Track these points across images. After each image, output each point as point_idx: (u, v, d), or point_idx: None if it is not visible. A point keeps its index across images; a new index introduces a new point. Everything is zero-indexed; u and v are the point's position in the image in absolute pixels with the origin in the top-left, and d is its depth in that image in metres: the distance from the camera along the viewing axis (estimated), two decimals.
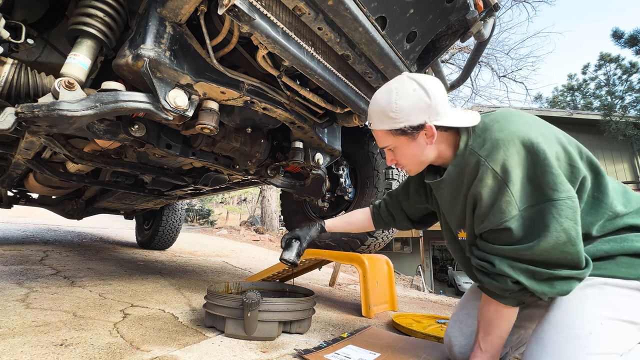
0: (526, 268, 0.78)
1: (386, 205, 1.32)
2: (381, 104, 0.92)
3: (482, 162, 0.83)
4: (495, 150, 0.82)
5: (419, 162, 0.99)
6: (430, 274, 13.52)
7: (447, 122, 0.89)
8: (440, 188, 0.99)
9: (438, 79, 0.92)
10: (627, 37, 8.68)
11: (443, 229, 1.11)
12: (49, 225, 5.76)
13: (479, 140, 0.87)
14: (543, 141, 0.80)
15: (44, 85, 1.13)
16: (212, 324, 1.27)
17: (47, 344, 1.01)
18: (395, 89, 0.90)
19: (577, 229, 0.74)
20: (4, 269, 2.12)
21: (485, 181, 0.82)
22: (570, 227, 0.74)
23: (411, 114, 0.88)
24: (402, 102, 0.88)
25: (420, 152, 0.95)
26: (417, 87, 0.88)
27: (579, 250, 0.75)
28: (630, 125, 9.31)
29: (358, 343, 1.21)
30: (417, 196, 1.20)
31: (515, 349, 1.06)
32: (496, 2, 1.45)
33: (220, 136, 1.65)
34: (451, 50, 10.73)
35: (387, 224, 1.33)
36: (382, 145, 0.99)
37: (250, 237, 8.73)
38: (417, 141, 0.92)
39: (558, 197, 0.75)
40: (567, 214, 0.74)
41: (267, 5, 0.99)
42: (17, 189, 3.10)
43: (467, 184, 0.88)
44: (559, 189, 0.75)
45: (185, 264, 3.25)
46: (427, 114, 0.88)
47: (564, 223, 0.73)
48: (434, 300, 2.88)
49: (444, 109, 0.89)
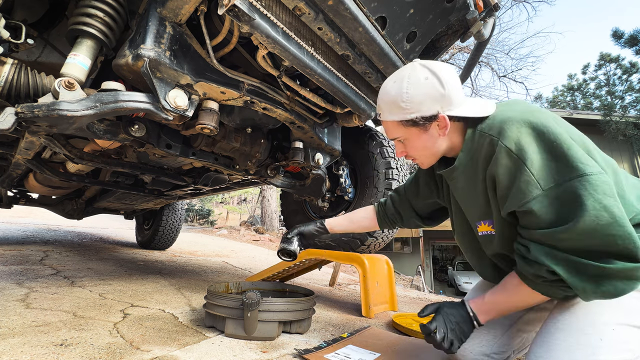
0: (567, 258, 0.68)
1: (393, 203, 1.26)
2: (391, 93, 0.87)
3: (495, 141, 0.77)
4: (507, 127, 0.77)
5: (431, 154, 0.94)
6: (430, 274, 13.53)
7: (462, 112, 0.84)
8: (453, 178, 0.94)
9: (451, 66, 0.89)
10: (627, 37, 8.68)
11: (455, 224, 1.05)
12: (49, 225, 5.76)
13: (488, 122, 0.83)
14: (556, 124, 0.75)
15: (44, 85, 1.13)
16: (212, 324, 1.27)
17: (47, 344, 1.01)
18: (407, 77, 0.85)
19: (620, 207, 0.64)
20: (4, 269, 2.12)
21: (500, 161, 0.76)
22: (612, 204, 0.63)
23: (423, 104, 0.83)
24: (413, 91, 0.83)
25: (432, 144, 0.90)
26: (430, 75, 0.83)
27: (629, 232, 0.62)
28: (630, 125, 9.31)
29: (358, 343, 1.21)
30: (427, 190, 1.15)
31: (517, 352, 1.05)
32: (496, 2, 1.45)
33: (220, 136, 1.65)
34: (451, 50, 10.73)
35: (394, 223, 1.28)
36: (392, 136, 0.94)
37: (250, 237, 8.73)
38: (429, 132, 0.88)
39: (591, 172, 0.66)
40: (605, 190, 0.64)
41: (267, 5, 0.99)
42: (17, 189, 3.10)
43: (482, 167, 0.83)
44: (589, 163, 0.67)
45: (185, 264, 3.25)
46: (440, 103, 0.83)
47: (602, 200, 0.63)
48: (434, 300, 2.88)
49: (458, 98, 0.84)
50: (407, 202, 1.23)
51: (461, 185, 0.93)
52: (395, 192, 1.28)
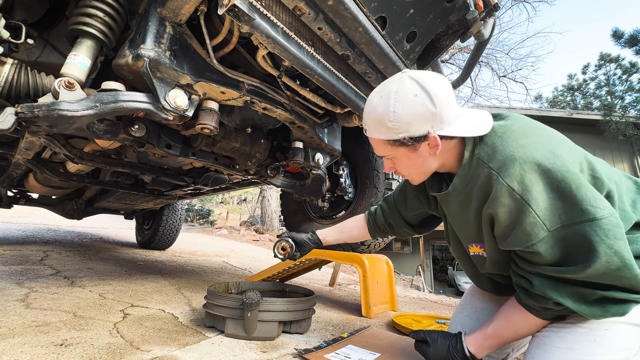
0: (572, 290, 0.69)
1: (382, 213, 1.23)
2: (378, 110, 0.80)
3: (495, 176, 0.73)
4: (509, 163, 0.71)
5: (422, 173, 0.90)
6: (430, 274, 13.53)
7: (454, 132, 0.78)
8: (446, 201, 0.91)
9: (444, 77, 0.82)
10: (627, 37, 8.69)
11: (449, 237, 1.04)
12: (49, 225, 5.76)
13: (487, 148, 0.77)
14: (565, 152, 0.71)
15: (44, 85, 1.13)
16: (212, 324, 1.27)
17: (47, 344, 1.01)
18: (394, 92, 0.78)
19: (628, 248, 0.65)
20: (4, 269, 2.12)
21: (501, 200, 0.71)
22: (622, 248, 0.63)
23: (412, 124, 0.77)
24: (401, 110, 0.76)
25: (421, 163, 0.85)
26: (420, 91, 0.76)
27: (636, 274, 0.65)
28: (630, 125, 9.31)
29: (358, 343, 1.21)
30: (418, 202, 1.12)
31: (517, 349, 1.05)
32: (496, 2, 1.45)
33: (220, 136, 1.65)
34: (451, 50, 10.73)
35: (384, 232, 1.25)
36: (380, 154, 0.90)
37: (250, 237, 8.73)
38: (418, 152, 0.82)
39: (602, 215, 0.64)
40: (616, 234, 0.64)
41: (267, 5, 0.99)
42: (17, 189, 3.10)
43: (477, 198, 0.80)
44: (599, 205, 0.65)
45: (185, 264, 3.25)
46: (431, 122, 0.77)
47: (614, 245, 0.63)
48: (434, 300, 2.88)
49: (450, 116, 0.78)
50: (397, 212, 1.20)
51: (454, 209, 0.91)
52: (385, 201, 1.25)
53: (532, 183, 0.69)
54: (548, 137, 0.75)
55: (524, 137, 0.75)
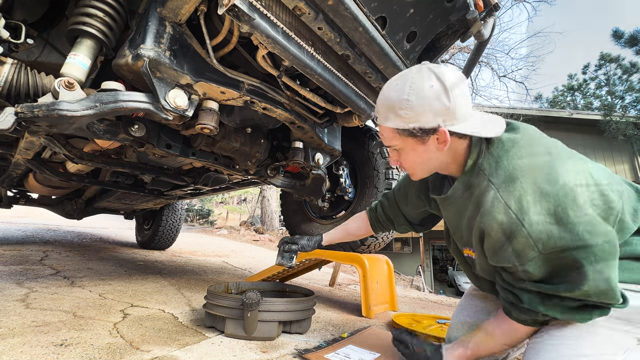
0: (560, 303, 0.72)
1: (383, 209, 1.25)
2: (391, 97, 0.79)
3: (493, 191, 0.73)
4: (510, 181, 0.71)
5: (425, 169, 0.89)
6: (430, 274, 13.52)
7: (465, 129, 0.77)
8: (445, 204, 0.92)
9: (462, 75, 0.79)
10: (627, 37, 8.69)
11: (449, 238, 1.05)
12: (49, 225, 5.76)
13: (491, 160, 0.77)
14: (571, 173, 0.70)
15: (44, 85, 1.13)
16: (212, 324, 1.27)
17: (47, 344, 1.01)
18: (411, 81, 0.77)
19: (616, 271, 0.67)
20: (4, 269, 2.11)
21: (494, 216, 0.71)
22: (612, 276, 0.66)
23: (423, 115, 0.76)
24: (415, 99, 0.75)
25: (427, 158, 0.84)
26: (436, 83, 0.75)
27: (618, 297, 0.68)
28: (630, 125, 9.30)
29: (358, 343, 1.21)
30: (418, 200, 1.12)
31: (516, 349, 1.05)
32: (496, 2, 1.45)
33: (220, 136, 1.65)
34: (451, 50, 10.74)
35: (386, 228, 1.27)
36: (387, 143, 0.87)
37: (250, 237, 8.73)
38: (425, 145, 0.81)
39: (595, 242, 0.64)
40: (607, 259, 0.65)
41: (267, 5, 0.99)
42: (17, 189, 3.10)
43: (472, 206, 0.80)
44: (595, 231, 0.65)
45: (185, 264, 3.25)
46: (443, 116, 0.75)
47: (603, 271, 0.65)
48: (434, 300, 2.88)
49: (463, 113, 0.77)
50: (397, 209, 1.21)
51: (451, 213, 0.92)
52: (385, 197, 1.25)
53: (530, 204, 0.69)
54: (556, 157, 0.74)
55: (529, 156, 0.74)
